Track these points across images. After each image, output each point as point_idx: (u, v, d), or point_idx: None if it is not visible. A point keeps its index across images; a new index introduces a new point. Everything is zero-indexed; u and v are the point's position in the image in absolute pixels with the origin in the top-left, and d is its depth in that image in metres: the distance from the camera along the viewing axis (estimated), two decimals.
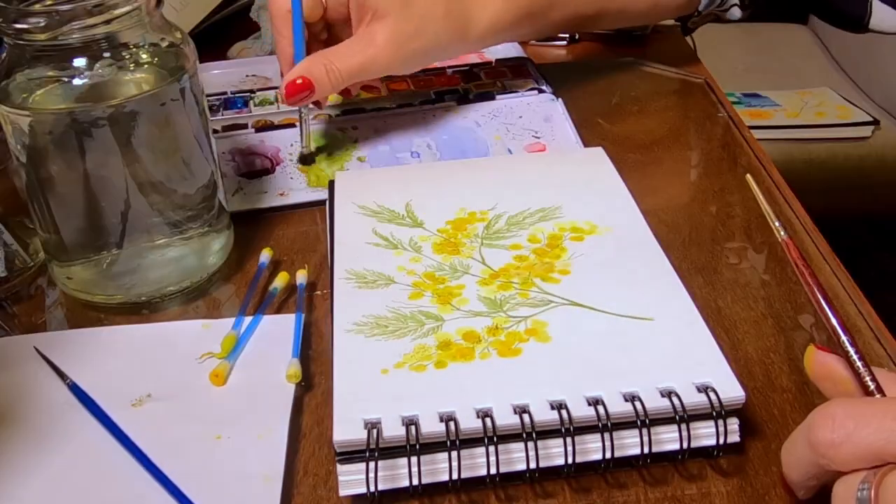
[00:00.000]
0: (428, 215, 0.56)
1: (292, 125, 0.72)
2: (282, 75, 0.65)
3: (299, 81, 0.61)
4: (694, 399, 0.41)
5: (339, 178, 0.61)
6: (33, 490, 0.43)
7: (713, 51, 1.49)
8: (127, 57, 0.52)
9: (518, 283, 0.50)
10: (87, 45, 0.50)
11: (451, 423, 0.41)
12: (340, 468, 0.41)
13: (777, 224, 0.44)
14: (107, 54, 0.51)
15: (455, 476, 0.41)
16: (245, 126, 0.72)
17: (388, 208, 0.57)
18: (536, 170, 0.60)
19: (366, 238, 0.55)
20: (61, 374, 0.49)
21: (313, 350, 0.51)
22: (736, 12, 0.75)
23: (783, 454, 0.39)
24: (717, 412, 0.41)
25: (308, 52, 0.64)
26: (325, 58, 0.61)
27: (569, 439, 0.41)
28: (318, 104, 0.68)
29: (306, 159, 0.67)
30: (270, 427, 0.45)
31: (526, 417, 0.41)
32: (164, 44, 0.53)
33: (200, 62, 0.55)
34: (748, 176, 0.46)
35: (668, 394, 0.42)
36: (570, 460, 0.41)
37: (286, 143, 0.70)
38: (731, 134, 0.69)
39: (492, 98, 0.74)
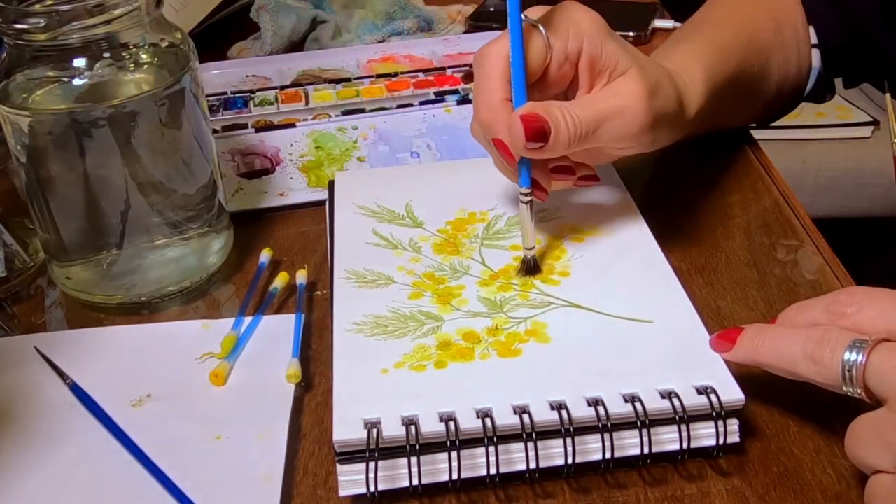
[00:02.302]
0: (428, 215, 0.56)
1: (292, 125, 0.72)
2: (476, 129, 0.53)
3: (535, 119, 0.47)
4: (694, 401, 0.41)
5: (339, 178, 0.61)
6: (33, 490, 0.43)
7: None
8: (127, 57, 0.52)
9: (518, 284, 0.50)
10: (87, 45, 0.50)
11: (451, 423, 0.41)
12: (340, 468, 0.41)
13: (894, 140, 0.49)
14: (107, 54, 0.51)
15: (455, 476, 0.41)
16: (245, 126, 0.72)
17: (388, 208, 0.57)
18: None
19: (366, 238, 0.55)
20: (62, 374, 0.49)
21: (313, 350, 0.51)
22: (828, 97, 0.71)
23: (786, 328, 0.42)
24: (717, 413, 0.41)
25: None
26: (557, 104, 0.48)
27: (569, 439, 0.41)
28: (542, 191, 0.52)
29: (532, 268, 0.51)
30: (270, 427, 0.45)
31: (526, 418, 0.41)
32: (164, 44, 0.53)
33: (200, 62, 0.55)
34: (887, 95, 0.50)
35: (667, 395, 0.42)
36: (570, 460, 0.41)
37: (286, 143, 0.70)
38: (731, 134, 0.69)
39: None
